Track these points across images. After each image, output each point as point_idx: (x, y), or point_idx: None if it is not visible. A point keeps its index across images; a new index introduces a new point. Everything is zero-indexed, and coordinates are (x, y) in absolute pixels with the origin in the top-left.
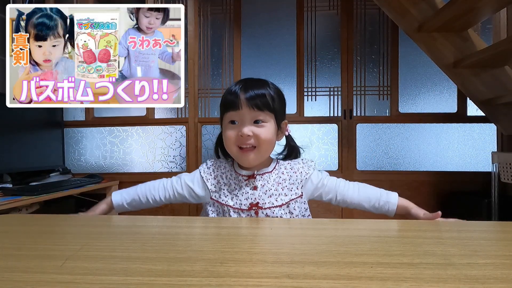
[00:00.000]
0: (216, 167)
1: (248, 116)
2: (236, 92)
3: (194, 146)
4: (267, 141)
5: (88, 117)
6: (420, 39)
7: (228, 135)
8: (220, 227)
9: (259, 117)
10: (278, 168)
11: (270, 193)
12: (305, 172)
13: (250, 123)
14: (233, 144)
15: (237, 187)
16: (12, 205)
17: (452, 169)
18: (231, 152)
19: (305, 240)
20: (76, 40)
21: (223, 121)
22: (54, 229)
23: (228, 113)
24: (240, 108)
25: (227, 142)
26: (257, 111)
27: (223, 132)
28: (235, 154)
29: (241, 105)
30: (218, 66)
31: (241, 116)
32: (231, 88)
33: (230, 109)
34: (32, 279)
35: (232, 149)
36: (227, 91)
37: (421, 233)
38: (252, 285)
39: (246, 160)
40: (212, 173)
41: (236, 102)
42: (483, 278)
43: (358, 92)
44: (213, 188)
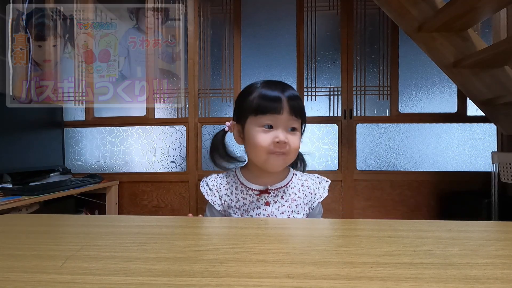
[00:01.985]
0: (218, 184)
1: (286, 122)
2: (278, 95)
3: (194, 146)
4: (296, 150)
5: (88, 117)
6: (420, 39)
7: (262, 139)
8: (220, 227)
9: (295, 124)
10: (293, 182)
11: (283, 209)
12: (319, 195)
13: (286, 130)
14: (265, 150)
15: (247, 202)
16: (12, 205)
17: (452, 169)
18: (259, 157)
19: (305, 240)
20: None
21: (252, 123)
22: (54, 229)
23: (264, 116)
24: (282, 112)
25: (258, 148)
26: (295, 118)
27: (252, 135)
28: (263, 158)
29: (283, 109)
30: (218, 66)
31: (280, 122)
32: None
33: (269, 112)
34: (32, 279)
35: (262, 154)
36: (262, 91)
37: (421, 233)
38: (252, 285)
39: (275, 165)
40: (216, 193)
41: (279, 106)
42: (483, 278)
43: (358, 92)
44: (221, 208)
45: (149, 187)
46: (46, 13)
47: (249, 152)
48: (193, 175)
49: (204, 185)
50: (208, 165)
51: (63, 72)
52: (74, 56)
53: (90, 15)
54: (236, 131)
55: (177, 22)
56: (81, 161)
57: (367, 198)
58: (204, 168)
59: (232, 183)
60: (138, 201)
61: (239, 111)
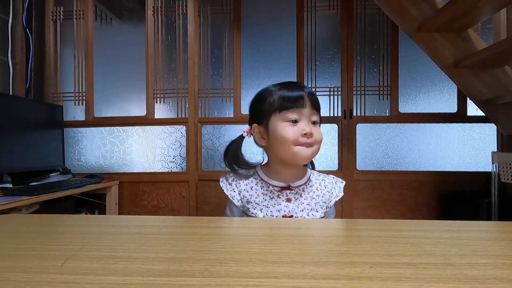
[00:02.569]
0: (238, 180)
1: (309, 116)
2: (300, 91)
3: (194, 146)
4: (320, 142)
5: (88, 117)
6: (420, 39)
7: (289, 133)
8: (220, 227)
9: (315, 118)
10: (312, 181)
11: (303, 207)
12: (335, 194)
13: (309, 122)
14: (293, 143)
15: (267, 198)
16: (12, 205)
17: (452, 169)
18: (287, 150)
19: (305, 240)
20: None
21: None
22: (54, 229)
23: (288, 111)
24: (305, 106)
25: (286, 141)
26: (315, 112)
27: (278, 131)
28: (292, 151)
29: (306, 103)
30: (218, 66)
31: (303, 115)
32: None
33: (293, 106)
34: (32, 279)
35: (290, 147)
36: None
37: (421, 233)
38: (252, 285)
39: (304, 156)
40: (235, 188)
41: (302, 100)
42: (483, 278)
43: (358, 92)
44: (240, 203)
45: (149, 187)
46: (46, 13)
47: (276, 148)
48: (193, 175)
49: (224, 180)
50: (208, 165)
51: (63, 72)
52: (74, 56)
53: (90, 15)
54: (257, 133)
55: (177, 22)
56: (81, 161)
57: (367, 198)
58: (204, 168)
59: (252, 179)
60: (138, 201)
61: (259, 113)
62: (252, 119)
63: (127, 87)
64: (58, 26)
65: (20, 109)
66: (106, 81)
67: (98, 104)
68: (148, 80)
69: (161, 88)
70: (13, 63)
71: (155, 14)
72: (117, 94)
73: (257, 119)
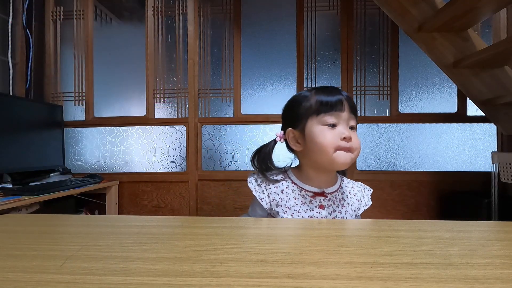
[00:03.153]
0: (267, 182)
1: (347, 120)
2: (339, 94)
3: (194, 146)
4: (359, 148)
5: (88, 117)
6: (420, 39)
7: (328, 137)
8: (220, 227)
9: (353, 123)
10: (342, 188)
11: (335, 214)
12: (364, 203)
13: (347, 127)
14: (332, 147)
15: (299, 203)
16: (12, 205)
17: (452, 169)
18: (326, 155)
19: (305, 240)
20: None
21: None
22: (54, 229)
23: (327, 115)
24: (343, 110)
25: (325, 145)
26: (353, 117)
27: (316, 135)
28: (330, 156)
29: (345, 107)
30: (218, 66)
31: (342, 119)
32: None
33: (332, 110)
34: (32, 279)
35: (329, 152)
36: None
37: (421, 233)
38: (252, 285)
39: (343, 161)
40: (264, 190)
41: (341, 104)
42: (483, 278)
43: (358, 92)
44: (268, 206)
45: (149, 187)
46: (46, 13)
47: (313, 153)
48: (193, 175)
49: (252, 181)
50: (208, 165)
51: (63, 72)
52: (74, 56)
53: (90, 15)
54: (292, 137)
55: (177, 22)
56: (81, 161)
57: None
58: (204, 168)
59: (282, 182)
60: (138, 201)
61: (294, 117)
62: (286, 123)
63: (127, 87)
64: (58, 26)
65: (20, 109)
66: (106, 81)
67: (98, 104)
68: (148, 80)
69: (161, 88)
70: (13, 63)
71: (155, 14)
72: (117, 94)
73: (292, 124)
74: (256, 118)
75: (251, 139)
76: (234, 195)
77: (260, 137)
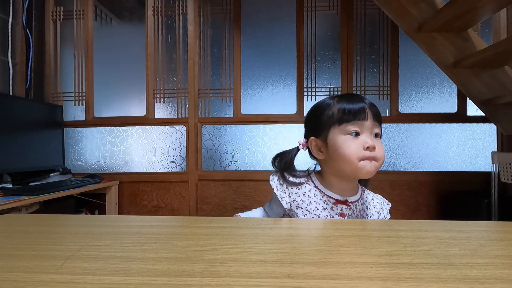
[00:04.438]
0: (289, 183)
1: (371, 128)
2: (362, 103)
3: (194, 146)
4: (383, 156)
5: (88, 117)
6: (420, 39)
7: (352, 147)
8: (220, 227)
9: (377, 130)
10: (363, 198)
11: None
12: (383, 216)
13: (371, 135)
14: (356, 157)
15: (320, 208)
16: (12, 205)
17: (452, 169)
18: (350, 165)
19: (305, 240)
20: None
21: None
22: (54, 229)
23: (349, 124)
24: (367, 119)
25: (350, 156)
26: (377, 124)
27: (342, 143)
28: (355, 166)
29: (368, 116)
30: (218, 66)
31: (365, 128)
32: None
33: (355, 118)
34: (32, 279)
35: (353, 161)
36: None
37: (421, 233)
38: (252, 285)
39: (368, 171)
40: (286, 190)
41: (364, 113)
42: (483, 278)
43: (358, 92)
44: (288, 206)
45: (149, 187)
46: (46, 13)
47: (336, 162)
48: (193, 175)
49: (275, 179)
50: (208, 165)
51: (63, 72)
52: (74, 56)
53: (90, 15)
54: (314, 146)
55: (177, 22)
56: (81, 161)
57: None
58: (204, 168)
59: (305, 184)
60: (138, 201)
61: (317, 126)
62: (309, 131)
63: (127, 87)
64: (58, 26)
65: (20, 109)
66: (106, 81)
67: (98, 104)
68: (148, 80)
69: (161, 88)
70: (13, 63)
71: (155, 14)
72: (117, 94)
73: (314, 132)
74: (256, 118)
75: (251, 139)
76: (234, 195)
77: (260, 137)
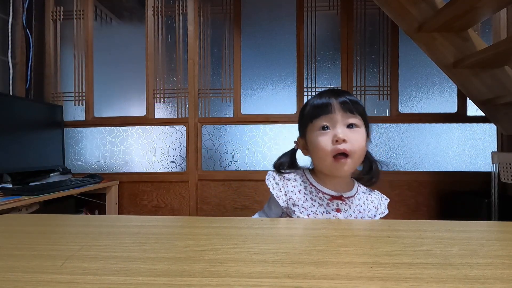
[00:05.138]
0: (285, 181)
1: (341, 120)
2: (326, 96)
3: (194, 146)
4: (361, 148)
5: (88, 117)
6: (420, 39)
7: (323, 142)
8: (220, 227)
9: (352, 120)
10: (359, 193)
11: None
12: (381, 211)
13: (343, 126)
14: (327, 153)
15: (316, 205)
16: (12, 205)
17: (452, 169)
18: (324, 162)
19: (305, 240)
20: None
21: (311, 131)
22: (54, 229)
23: (318, 119)
24: (333, 111)
25: (321, 152)
26: (350, 115)
27: (314, 142)
28: (328, 164)
29: (334, 108)
30: (218, 66)
31: (334, 120)
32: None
33: (322, 113)
34: (32, 279)
35: (327, 159)
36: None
37: (421, 233)
38: (252, 285)
39: (341, 169)
40: (282, 189)
41: (328, 105)
42: (483, 278)
43: (358, 92)
44: (284, 204)
45: (149, 187)
46: (46, 13)
47: (315, 160)
48: (193, 175)
49: (270, 179)
50: (208, 165)
51: (63, 72)
52: (74, 56)
53: (90, 15)
54: (301, 145)
55: (177, 22)
56: (81, 161)
57: None
58: (204, 168)
59: (300, 182)
60: (138, 201)
61: (300, 126)
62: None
63: (127, 87)
64: (58, 26)
65: (20, 109)
66: (106, 81)
67: (98, 104)
68: (148, 80)
69: (161, 88)
70: (13, 63)
71: (155, 14)
72: (117, 94)
73: (300, 132)
74: (256, 118)
75: (251, 139)
76: (234, 195)
77: (260, 137)
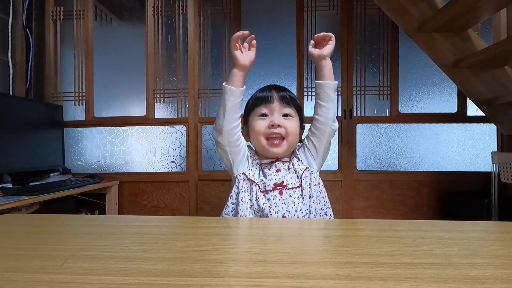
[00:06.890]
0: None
1: (278, 109)
2: (268, 90)
3: (194, 146)
4: (294, 133)
5: (88, 117)
6: (420, 39)
7: (258, 126)
8: (220, 227)
9: (287, 111)
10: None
11: (290, 175)
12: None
13: (279, 115)
14: (262, 135)
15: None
16: (12, 205)
17: (452, 169)
18: (259, 143)
19: (305, 240)
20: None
21: (252, 117)
22: (54, 229)
23: (259, 107)
24: (272, 102)
25: (257, 134)
26: (286, 106)
27: (252, 125)
28: (262, 145)
29: (273, 99)
30: (218, 66)
31: (272, 109)
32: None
33: (263, 103)
34: (32, 279)
35: (261, 140)
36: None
37: (421, 233)
38: (252, 285)
39: (274, 151)
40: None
41: (269, 97)
42: (483, 278)
43: (358, 92)
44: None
45: (149, 187)
46: (46, 13)
47: (252, 141)
48: (193, 175)
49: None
50: (208, 165)
51: (63, 72)
52: (74, 56)
53: (90, 15)
54: (245, 134)
55: (177, 22)
56: (81, 161)
57: (367, 198)
58: (204, 168)
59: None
60: (138, 201)
61: (245, 115)
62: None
63: (127, 87)
64: (58, 26)
65: (20, 109)
66: (106, 81)
67: (98, 104)
68: (148, 80)
69: (161, 88)
70: (13, 63)
71: (155, 14)
72: (117, 94)
73: (244, 121)
74: None
75: None
76: None
77: None
